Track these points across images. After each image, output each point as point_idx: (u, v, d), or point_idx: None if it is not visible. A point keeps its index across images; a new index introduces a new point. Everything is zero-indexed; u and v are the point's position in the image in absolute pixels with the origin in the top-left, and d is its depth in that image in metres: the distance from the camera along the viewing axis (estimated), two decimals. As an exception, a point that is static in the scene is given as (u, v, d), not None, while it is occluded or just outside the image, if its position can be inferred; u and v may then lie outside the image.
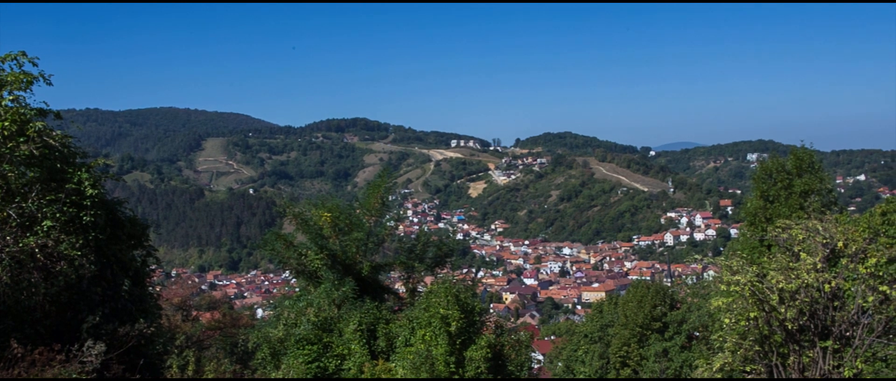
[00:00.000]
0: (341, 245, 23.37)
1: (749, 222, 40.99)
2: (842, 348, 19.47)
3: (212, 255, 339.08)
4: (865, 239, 21.34)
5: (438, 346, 18.52)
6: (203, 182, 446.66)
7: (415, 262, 25.09)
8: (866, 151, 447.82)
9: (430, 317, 18.84)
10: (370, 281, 23.84)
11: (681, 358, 49.78)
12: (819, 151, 44.50)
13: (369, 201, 24.85)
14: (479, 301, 20.63)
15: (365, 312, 20.59)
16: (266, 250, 23.61)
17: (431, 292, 19.67)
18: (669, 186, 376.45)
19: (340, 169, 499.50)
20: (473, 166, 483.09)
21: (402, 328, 19.73)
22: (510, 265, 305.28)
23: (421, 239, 26.01)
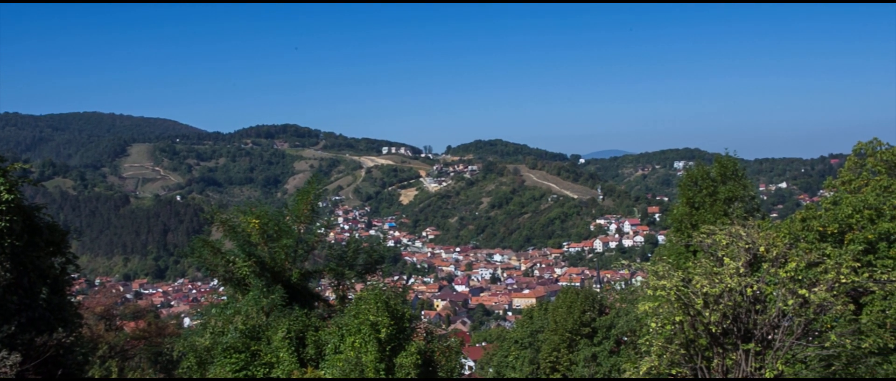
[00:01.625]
0: (270, 252, 23.12)
1: (675, 229, 41.73)
2: (763, 350, 19.92)
3: (137, 263, 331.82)
4: (786, 244, 21.93)
5: (368, 353, 18.43)
6: (129, 189, 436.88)
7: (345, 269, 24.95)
8: (788, 159, 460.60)
9: (360, 324, 18.74)
10: (299, 288, 23.62)
11: (609, 363, 50.38)
12: (743, 159, 45.69)
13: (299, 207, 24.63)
14: (409, 308, 20.60)
15: (294, 319, 20.38)
16: (193, 257, 23.20)
17: (361, 299, 19.57)
18: (599, 194, 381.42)
19: (270, 176, 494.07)
20: (405, 173, 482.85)
21: (331, 336, 19.57)
22: (441, 272, 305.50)
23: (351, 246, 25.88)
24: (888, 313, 30.69)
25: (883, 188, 35.73)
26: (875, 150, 39.22)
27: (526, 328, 64.01)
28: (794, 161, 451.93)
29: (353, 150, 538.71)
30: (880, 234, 33.05)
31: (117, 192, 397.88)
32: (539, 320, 62.86)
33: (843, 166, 41.01)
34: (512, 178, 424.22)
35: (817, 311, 19.95)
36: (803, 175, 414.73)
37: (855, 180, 38.69)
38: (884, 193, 35.14)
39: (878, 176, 37.84)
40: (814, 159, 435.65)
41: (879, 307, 30.78)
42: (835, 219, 33.92)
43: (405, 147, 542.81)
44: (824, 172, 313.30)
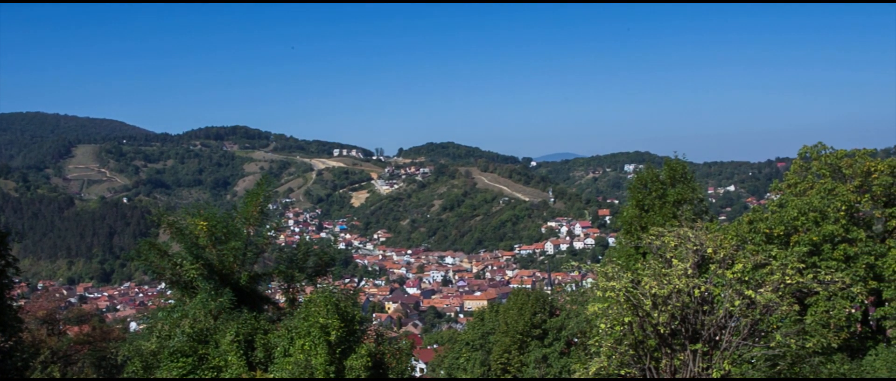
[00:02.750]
0: (218, 255, 22.79)
1: (625, 231, 42.14)
2: (711, 350, 20.14)
3: (82, 266, 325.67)
4: (733, 246, 22.20)
5: (318, 355, 18.24)
6: (73, 191, 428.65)
7: (295, 271, 24.70)
8: (736, 163, 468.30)
9: (310, 326, 18.54)
10: (248, 291, 23.32)
11: (560, 364, 50.69)
12: (692, 162, 46.30)
13: (248, 209, 24.32)
14: (359, 311, 20.45)
15: (242, 322, 20.09)
16: (139, 260, 22.74)
17: (311, 302, 19.37)
18: (550, 196, 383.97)
19: (219, 178, 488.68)
20: (356, 176, 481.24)
21: (280, 338, 19.33)
22: (393, 275, 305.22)
23: (301, 248, 25.64)
24: (832, 313, 31.33)
25: (827, 191, 36.43)
26: (820, 153, 40.03)
27: (477, 329, 64.17)
28: (742, 165, 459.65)
29: (303, 152, 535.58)
30: (824, 236, 33.72)
31: (61, 194, 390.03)
32: (490, 321, 63.05)
33: (789, 170, 41.80)
34: (464, 180, 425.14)
35: (763, 311, 20.21)
36: (751, 178, 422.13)
37: (800, 184, 39.43)
38: (828, 195, 35.84)
39: (823, 179, 38.61)
40: (761, 163, 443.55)
41: (823, 308, 31.39)
42: (781, 221, 34.53)
43: (357, 149, 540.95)
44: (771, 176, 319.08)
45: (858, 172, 37.46)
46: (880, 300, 35.37)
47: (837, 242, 34.14)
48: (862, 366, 29.74)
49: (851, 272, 32.46)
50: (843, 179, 38.13)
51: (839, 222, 34.23)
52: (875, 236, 36.51)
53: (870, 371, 28.96)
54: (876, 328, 36.41)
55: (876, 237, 36.43)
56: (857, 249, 33.84)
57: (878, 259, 34.07)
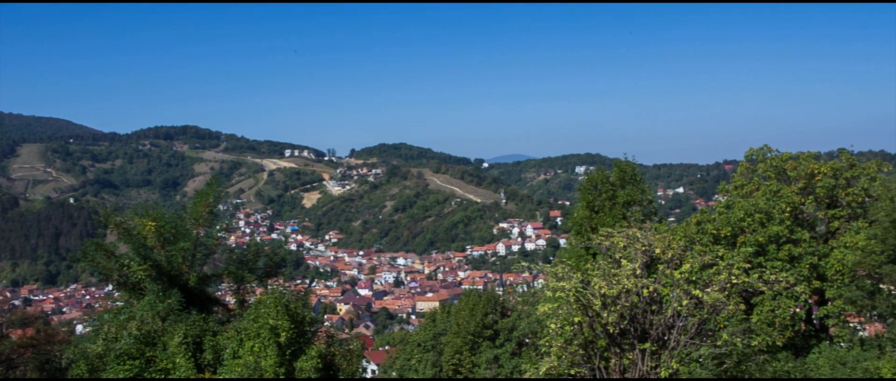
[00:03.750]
0: (167, 256, 22.51)
1: (576, 232, 42.51)
2: (659, 349, 20.41)
3: (27, 268, 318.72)
4: (681, 247, 22.53)
5: (267, 357, 18.11)
6: (18, 191, 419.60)
7: (245, 272, 24.51)
8: (685, 165, 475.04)
9: (259, 328, 18.41)
10: (197, 292, 23.07)
11: (511, 364, 50.89)
12: (642, 164, 46.90)
13: (197, 210, 24.07)
14: (310, 312, 20.35)
15: (191, 324, 19.86)
16: (86, 261, 22.35)
17: (261, 303, 19.23)
18: (502, 198, 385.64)
19: (169, 178, 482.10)
20: (308, 176, 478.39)
21: (230, 340, 19.15)
22: (344, 276, 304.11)
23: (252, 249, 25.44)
24: (777, 312, 31.91)
25: (773, 193, 37.12)
26: (765, 156, 40.78)
27: (429, 330, 64.20)
28: (691, 167, 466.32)
29: (255, 152, 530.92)
30: (770, 237, 34.35)
31: (5, 194, 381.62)
32: (442, 322, 63.13)
33: (736, 172, 42.50)
34: (416, 181, 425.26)
35: (710, 311, 20.54)
36: (699, 180, 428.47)
37: (747, 185, 40.12)
38: (773, 197, 36.53)
39: (768, 181, 39.33)
40: (709, 165, 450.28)
41: (769, 307, 31.97)
42: (728, 222, 35.09)
43: (308, 150, 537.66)
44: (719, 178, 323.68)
45: (802, 175, 38.22)
46: (823, 300, 36.15)
47: (782, 242, 34.80)
48: (805, 364, 30.33)
49: (796, 272, 33.12)
50: (787, 181, 38.87)
51: (784, 223, 34.90)
52: (818, 237, 37.31)
53: (813, 369, 29.55)
54: (819, 326, 37.19)
55: (819, 238, 37.23)
56: (801, 249, 34.54)
57: (821, 259, 34.82)
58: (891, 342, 30.62)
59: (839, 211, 37.80)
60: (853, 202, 37.31)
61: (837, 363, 28.85)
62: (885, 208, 31.87)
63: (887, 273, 31.24)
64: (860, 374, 26.45)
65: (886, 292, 32.32)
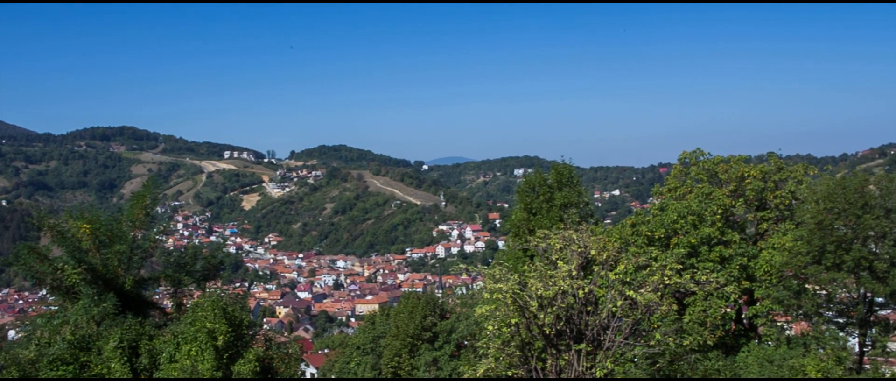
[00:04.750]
0: (102, 259, 22.27)
1: (514, 234, 42.92)
2: (595, 350, 20.81)
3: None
4: (616, 248, 23.00)
5: (204, 361, 18.05)
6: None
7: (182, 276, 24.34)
8: (621, 168, 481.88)
9: (196, 331, 18.34)
10: (134, 296, 22.86)
11: (450, 366, 51.10)
12: (579, 167, 47.49)
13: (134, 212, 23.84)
14: (248, 315, 20.32)
15: (126, 328, 19.68)
16: (18, 265, 21.99)
17: (198, 306, 19.15)
18: (441, 200, 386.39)
19: (105, 180, 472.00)
20: (247, 179, 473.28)
21: (166, 344, 19.03)
22: (284, 279, 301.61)
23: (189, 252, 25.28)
24: (708, 312, 32.69)
25: (705, 195, 38.01)
26: (698, 159, 41.72)
27: (368, 333, 64.15)
28: (627, 169, 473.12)
29: (194, 154, 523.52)
30: (702, 238, 35.16)
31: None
32: (381, 325, 63.12)
33: (670, 175, 43.38)
34: (356, 184, 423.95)
35: (644, 311, 21.00)
36: (635, 183, 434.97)
37: (680, 188, 40.99)
38: (705, 199, 37.40)
39: (701, 184, 40.24)
40: (645, 168, 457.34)
41: (701, 307, 32.72)
42: (661, 224, 35.81)
43: (248, 152, 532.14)
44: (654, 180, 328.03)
45: (733, 178, 39.19)
46: (752, 300, 37.14)
47: (714, 244, 35.64)
48: (735, 362, 31.09)
49: (726, 273, 33.97)
50: (719, 184, 39.81)
51: (715, 225, 35.76)
52: (748, 239, 38.32)
53: (742, 367, 30.32)
54: (748, 325, 38.17)
55: (748, 239, 38.23)
56: (731, 250, 35.42)
57: (751, 260, 35.77)
58: (815, 340, 31.59)
59: (768, 213, 38.86)
60: (781, 205, 38.38)
61: (765, 362, 29.67)
62: (810, 210, 32.89)
63: (812, 274, 32.24)
64: (787, 371, 27.24)
65: (811, 291, 33.31)
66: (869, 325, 33.36)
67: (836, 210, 31.78)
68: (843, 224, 31.92)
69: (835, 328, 33.37)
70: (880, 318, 33.69)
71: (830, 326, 33.33)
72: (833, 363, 25.98)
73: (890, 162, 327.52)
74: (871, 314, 33.50)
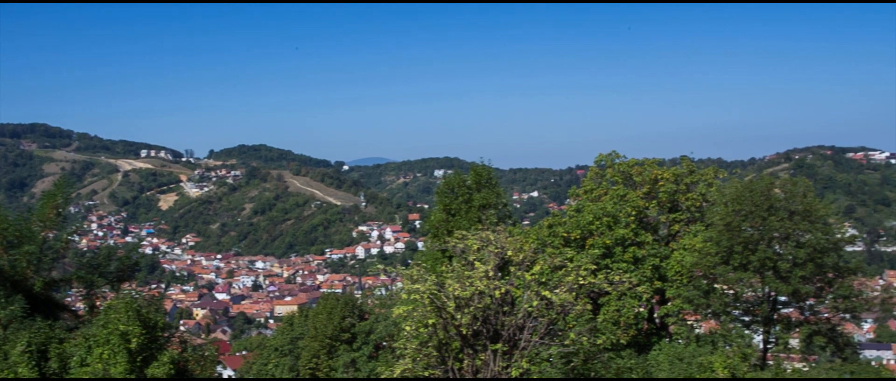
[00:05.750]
0: (10, 260, 21.77)
1: (432, 235, 43.19)
2: (511, 349, 21.12)
3: None
4: (533, 249, 23.39)
5: (117, 364, 17.81)
6: None
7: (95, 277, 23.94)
8: (539, 169, 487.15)
9: (109, 334, 18.07)
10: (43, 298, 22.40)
11: (368, 368, 51.10)
12: (498, 169, 48.02)
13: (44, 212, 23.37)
14: (163, 317, 20.10)
15: (35, 331, 19.27)
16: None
17: (111, 308, 18.88)
18: (362, 201, 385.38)
19: (15, 179, 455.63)
20: (165, 178, 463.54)
21: (77, 348, 18.71)
22: (202, 280, 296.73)
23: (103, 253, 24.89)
24: (622, 311, 33.50)
25: (619, 197, 38.90)
26: (613, 162, 42.65)
27: (286, 335, 63.76)
28: (545, 171, 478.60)
29: (109, 152, 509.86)
30: (616, 239, 35.98)
31: None
32: (299, 326, 62.80)
33: (586, 177, 44.22)
34: (275, 184, 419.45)
35: (559, 311, 21.39)
36: (553, 184, 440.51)
37: (596, 190, 41.82)
38: (620, 201, 38.29)
39: (616, 186, 41.15)
40: (562, 170, 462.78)
41: (615, 307, 33.51)
42: (578, 226, 36.51)
43: (165, 150, 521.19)
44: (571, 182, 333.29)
45: (647, 180, 40.19)
46: (664, 299, 38.16)
47: (628, 245, 36.49)
48: (647, 360, 31.87)
49: (639, 273, 34.84)
50: (633, 186, 40.78)
51: (629, 227, 36.63)
52: (660, 240, 39.36)
53: (654, 365, 31.10)
54: (660, 324, 39.20)
55: (661, 240, 39.27)
56: (644, 251, 36.34)
57: (663, 261, 36.75)
58: (723, 338, 32.65)
59: (680, 215, 39.96)
60: (692, 207, 39.52)
61: (676, 359, 30.51)
62: (719, 212, 33.98)
63: (721, 273, 33.32)
64: (696, 368, 28.05)
65: (720, 291, 34.41)
66: (772, 323, 34.67)
67: (744, 212, 32.91)
68: (749, 226, 33.07)
69: (741, 325, 34.58)
70: (783, 316, 35.06)
71: (737, 324, 34.53)
72: (739, 359, 26.87)
73: (795, 166, 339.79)
74: (775, 313, 34.82)
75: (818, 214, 32.71)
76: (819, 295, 33.78)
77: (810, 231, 32.35)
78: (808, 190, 33.82)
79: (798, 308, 34.74)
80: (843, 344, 33.49)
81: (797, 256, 31.90)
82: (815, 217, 32.58)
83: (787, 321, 34.57)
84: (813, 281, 33.08)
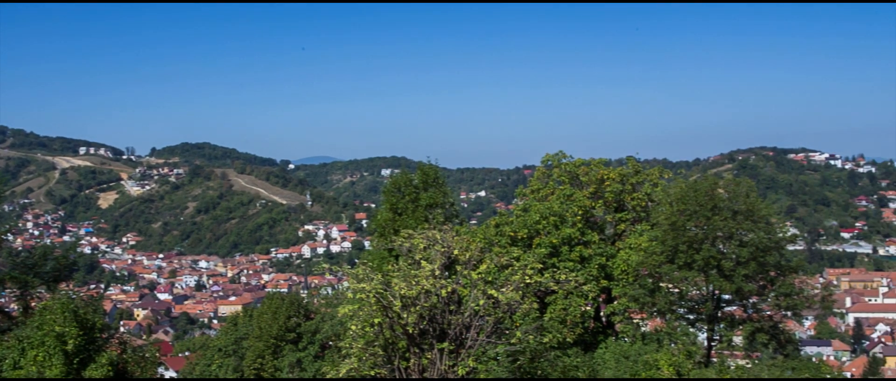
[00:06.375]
0: (-61, 260, 21.05)
1: (379, 234, 43.00)
2: (457, 348, 21.03)
3: None
4: (480, 248, 23.34)
5: (53, 367, 17.31)
6: None
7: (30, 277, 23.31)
8: (487, 169, 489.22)
9: (44, 336, 17.56)
10: (-26, 299, 21.70)
11: (314, 367, 50.66)
12: (446, 168, 48.11)
13: (-25, 210, 22.65)
14: (101, 318, 19.62)
15: (-34, 333, 18.66)
16: None
17: (46, 309, 18.36)
18: (308, 200, 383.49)
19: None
20: (104, 176, 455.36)
21: (10, 350, 18.15)
22: (143, 280, 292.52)
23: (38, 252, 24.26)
24: (568, 310, 33.64)
25: (566, 197, 39.09)
26: (560, 162, 42.85)
27: (230, 335, 62.97)
28: (493, 171, 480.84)
29: (46, 149, 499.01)
30: (563, 238, 36.13)
31: None
32: (244, 326, 62.05)
33: (533, 176, 44.38)
34: (220, 182, 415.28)
35: (506, 310, 21.36)
36: (500, 184, 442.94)
37: (543, 190, 41.99)
38: (567, 201, 38.47)
39: (563, 186, 41.35)
40: (510, 170, 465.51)
41: (561, 306, 33.65)
42: (524, 225, 36.60)
43: (105, 148, 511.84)
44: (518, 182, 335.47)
45: (593, 180, 40.43)
46: (610, 298, 38.43)
47: (574, 244, 36.68)
48: (593, 358, 32.06)
49: (586, 272, 35.03)
50: (580, 186, 41.00)
51: (576, 226, 36.83)
52: (606, 239, 39.64)
53: (600, 363, 31.30)
54: (606, 323, 39.48)
55: (607, 240, 39.55)
56: (591, 250, 36.55)
57: (609, 260, 37.01)
58: (668, 336, 32.99)
59: (625, 214, 40.30)
60: (638, 206, 39.88)
61: (621, 357, 30.75)
62: (664, 211, 34.34)
63: (666, 272, 33.66)
64: (641, 366, 28.27)
65: (665, 289, 34.77)
66: (716, 320, 35.13)
67: (688, 212, 33.29)
68: (694, 225, 33.47)
69: (686, 323, 34.99)
70: (727, 314, 35.55)
71: (682, 322, 34.93)
72: (684, 357, 27.15)
73: (738, 167, 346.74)
74: (719, 311, 35.28)
75: (761, 213, 33.25)
76: (762, 293, 34.33)
77: (753, 230, 32.84)
78: (751, 190, 34.35)
79: (741, 306, 35.28)
80: (785, 341, 34.04)
81: (740, 255, 32.37)
82: (757, 217, 33.11)
83: (730, 319, 35.08)
84: (756, 279, 33.61)
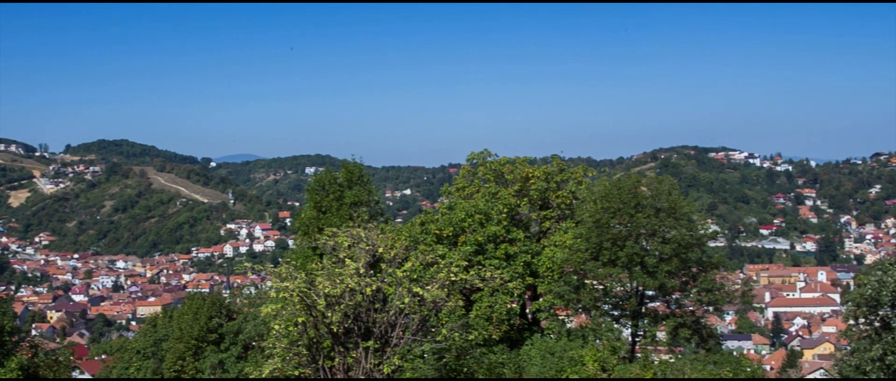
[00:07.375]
0: None
1: (303, 232, 42.61)
2: (383, 346, 20.82)
3: None
4: (405, 246, 23.16)
5: (-42, 371, 16.54)
6: None
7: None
8: (413, 167, 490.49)
9: (-51, 339, 16.77)
10: None
11: (237, 369, 49.87)
12: (371, 166, 47.96)
13: None
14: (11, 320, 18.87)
15: None
16: None
17: (-48, 312, 17.55)
18: (230, 198, 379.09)
19: None
20: (15, 173, 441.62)
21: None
22: (57, 281, 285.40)
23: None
24: (494, 307, 33.75)
25: (491, 195, 39.17)
26: (485, 160, 42.95)
27: (149, 337, 61.67)
28: (418, 169, 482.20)
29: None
30: (488, 236, 36.23)
31: None
32: (164, 328, 60.83)
33: (459, 175, 44.41)
34: (138, 180, 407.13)
35: (431, 308, 21.25)
36: (426, 182, 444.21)
37: (468, 188, 42.05)
38: (492, 199, 38.55)
39: (488, 184, 41.45)
40: (435, 168, 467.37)
41: (487, 303, 33.74)
42: (450, 223, 36.60)
43: (16, 144, 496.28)
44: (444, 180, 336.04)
45: (518, 178, 40.64)
46: (535, 295, 38.69)
47: (500, 241, 36.80)
48: (519, 355, 32.20)
49: (511, 269, 35.18)
50: (505, 184, 41.15)
51: (501, 224, 36.96)
52: (532, 236, 39.90)
53: (526, 360, 31.44)
54: (532, 319, 39.74)
55: (532, 237, 39.82)
56: (516, 248, 36.75)
57: (534, 257, 37.26)
58: (593, 332, 33.34)
59: (550, 212, 40.60)
60: (562, 204, 40.21)
61: (547, 354, 30.93)
62: (589, 209, 34.71)
63: (590, 269, 34.03)
64: (567, 362, 28.47)
65: (590, 286, 35.16)
66: (640, 316, 35.67)
67: (612, 209, 33.71)
68: (618, 223, 33.91)
69: (610, 319, 35.44)
70: (650, 310, 36.15)
71: (606, 318, 35.36)
72: (608, 352, 27.44)
73: (661, 165, 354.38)
74: (643, 307, 35.82)
75: (683, 211, 33.86)
76: (684, 289, 34.97)
77: (675, 228, 33.39)
78: (673, 188, 34.96)
79: (664, 302, 35.91)
80: (707, 336, 34.75)
81: (663, 251, 32.89)
82: (679, 214, 33.72)
83: (654, 315, 35.68)
84: (678, 275, 34.21)
